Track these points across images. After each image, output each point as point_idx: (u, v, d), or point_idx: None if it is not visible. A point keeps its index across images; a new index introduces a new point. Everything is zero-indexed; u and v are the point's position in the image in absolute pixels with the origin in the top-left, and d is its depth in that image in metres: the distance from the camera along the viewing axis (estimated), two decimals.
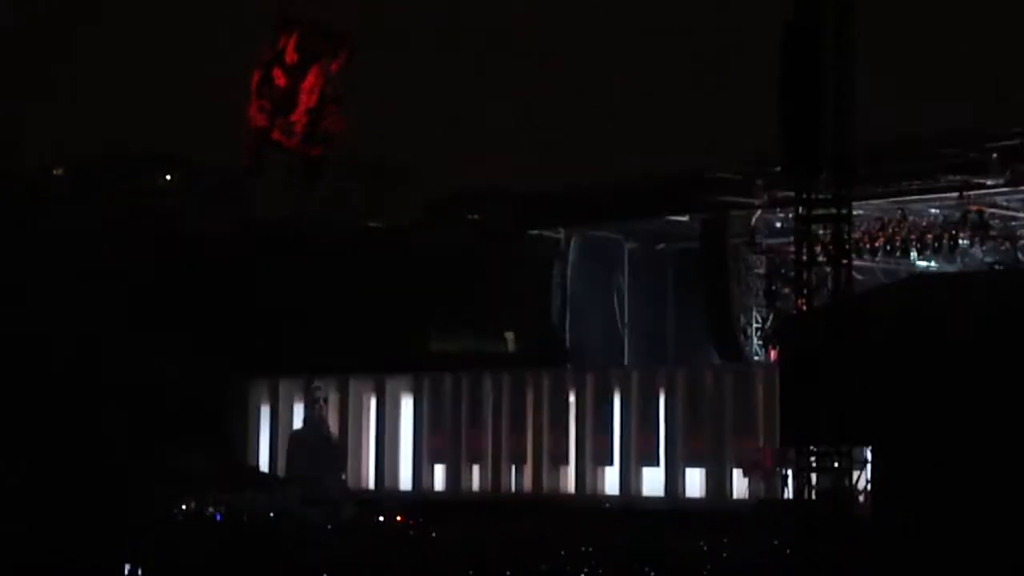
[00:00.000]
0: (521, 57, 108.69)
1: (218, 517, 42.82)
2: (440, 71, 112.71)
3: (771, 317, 46.66)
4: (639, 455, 42.59)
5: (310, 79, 37.19)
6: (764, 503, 36.98)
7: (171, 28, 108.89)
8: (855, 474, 30.16)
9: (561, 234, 51.78)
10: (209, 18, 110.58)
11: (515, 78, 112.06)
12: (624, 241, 51.91)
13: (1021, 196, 42.34)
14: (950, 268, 43.98)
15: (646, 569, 32.75)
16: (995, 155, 40.72)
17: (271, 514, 42.73)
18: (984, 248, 43.02)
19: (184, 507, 43.23)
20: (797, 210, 31.09)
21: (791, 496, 31.59)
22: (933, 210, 44.01)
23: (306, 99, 37.07)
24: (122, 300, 49.48)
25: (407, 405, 46.69)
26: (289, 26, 38.34)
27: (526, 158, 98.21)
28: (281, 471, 47.49)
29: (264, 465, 48.36)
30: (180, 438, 45.67)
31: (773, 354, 45.10)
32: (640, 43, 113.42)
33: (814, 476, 30.31)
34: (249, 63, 39.10)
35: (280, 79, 37.24)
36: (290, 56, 37.40)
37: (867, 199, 40.75)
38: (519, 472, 44.51)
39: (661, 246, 51.74)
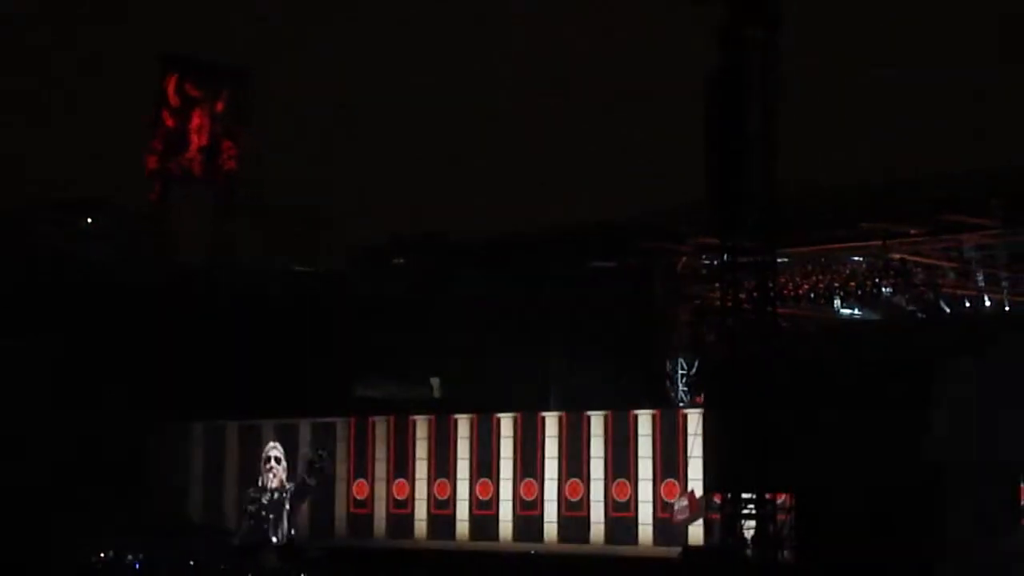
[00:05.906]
0: (448, 105, 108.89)
1: (136, 565, 42.16)
2: (365, 118, 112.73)
3: (697, 363, 46.72)
4: (566, 501, 42.38)
5: (196, 119, 37.29)
6: (690, 550, 36.82)
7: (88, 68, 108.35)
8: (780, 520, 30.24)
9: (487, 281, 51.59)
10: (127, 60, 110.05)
11: (441, 126, 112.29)
12: (550, 286, 51.78)
13: (942, 245, 42.70)
14: (873, 316, 44.23)
15: None
16: (918, 204, 41.07)
17: (191, 563, 42.12)
18: (907, 296, 43.31)
19: (103, 555, 42.54)
20: (722, 257, 31.14)
21: (717, 543, 31.58)
22: (856, 258, 44.27)
23: (197, 139, 37.25)
24: (47, 351, 48.78)
25: (342, 449, 46.22)
26: (170, 67, 38.28)
27: (454, 205, 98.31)
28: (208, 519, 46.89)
29: (194, 512, 47.70)
30: (103, 487, 44.95)
31: (699, 400, 45.15)
32: (566, 91, 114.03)
33: (740, 522, 30.36)
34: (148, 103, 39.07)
35: (169, 120, 37.37)
36: (173, 99, 37.49)
37: (791, 247, 40.95)
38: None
39: (589, 290, 51.65)
